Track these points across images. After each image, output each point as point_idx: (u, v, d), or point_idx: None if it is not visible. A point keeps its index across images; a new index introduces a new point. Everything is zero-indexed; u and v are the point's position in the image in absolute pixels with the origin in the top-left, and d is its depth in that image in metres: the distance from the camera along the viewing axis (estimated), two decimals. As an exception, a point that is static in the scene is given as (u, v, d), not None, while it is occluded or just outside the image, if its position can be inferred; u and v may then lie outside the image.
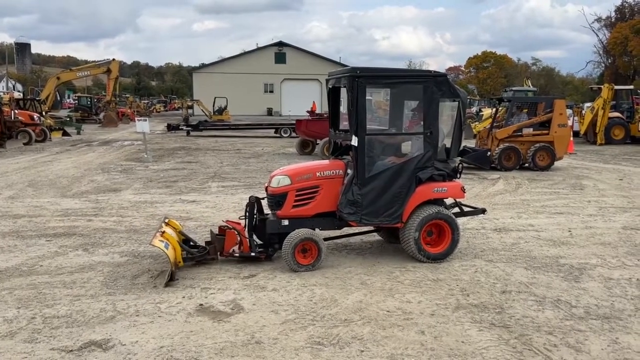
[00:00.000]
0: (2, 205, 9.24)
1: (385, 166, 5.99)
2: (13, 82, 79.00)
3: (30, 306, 4.72)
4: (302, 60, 61.52)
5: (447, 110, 6.29)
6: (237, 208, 8.82)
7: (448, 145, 6.25)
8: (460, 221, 7.98)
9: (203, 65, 68.94)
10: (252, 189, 11.30)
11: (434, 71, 6.25)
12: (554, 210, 9.28)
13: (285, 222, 5.94)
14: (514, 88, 36.92)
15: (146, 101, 73.16)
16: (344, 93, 6.20)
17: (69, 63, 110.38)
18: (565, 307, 4.85)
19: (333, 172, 6.08)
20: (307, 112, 23.31)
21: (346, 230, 6.55)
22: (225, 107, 42.22)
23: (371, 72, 6.11)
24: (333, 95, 6.64)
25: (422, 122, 6.02)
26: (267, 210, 6.35)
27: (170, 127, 29.44)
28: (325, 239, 6.39)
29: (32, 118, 22.97)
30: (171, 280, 5.37)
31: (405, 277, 5.60)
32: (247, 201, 6.16)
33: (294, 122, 20.75)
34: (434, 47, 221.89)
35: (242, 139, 25.71)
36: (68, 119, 32.24)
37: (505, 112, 16.48)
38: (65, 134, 25.98)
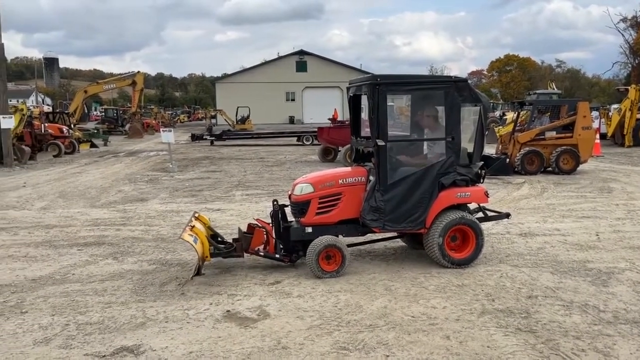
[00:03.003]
0: (35, 215, 9.53)
1: (407, 172, 5.99)
2: (42, 96, 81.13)
3: (64, 313, 4.88)
4: (323, 68, 61.84)
5: (469, 115, 6.28)
6: (261, 216, 8.89)
7: (470, 150, 6.25)
8: (485, 226, 7.94)
9: (225, 76, 69.83)
10: (275, 197, 11.40)
11: (455, 76, 6.24)
12: (581, 214, 9.15)
13: (309, 230, 5.99)
14: (538, 91, 36.48)
15: (170, 112, 74.28)
16: (365, 100, 6.24)
17: (96, 76, 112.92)
18: (593, 311, 4.79)
19: (355, 179, 6.12)
20: (329, 119, 23.43)
21: (370, 236, 6.58)
22: (248, 116, 42.68)
23: (392, 79, 6.13)
24: (354, 103, 6.69)
25: (444, 128, 6.02)
26: (290, 217, 6.41)
27: (194, 137, 29.87)
28: (349, 245, 6.44)
29: (61, 131, 23.58)
30: (197, 274, 5.53)
31: (429, 282, 5.60)
32: (271, 208, 6.25)
33: (316, 129, 20.86)
34: (455, 52, 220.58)
35: (265, 147, 25.93)
36: (95, 131, 33.03)
37: (527, 116, 16.31)
38: (93, 145, 26.61)
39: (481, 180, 6.27)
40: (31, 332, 4.47)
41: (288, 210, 6.38)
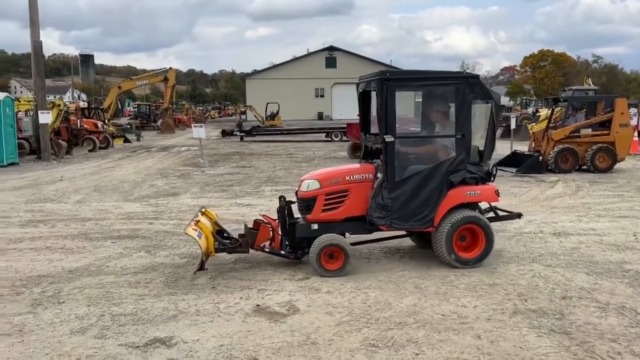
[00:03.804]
0: (71, 209, 9.79)
1: (416, 169, 5.90)
2: (78, 92, 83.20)
3: (99, 304, 5.00)
4: (352, 64, 61.54)
5: (481, 113, 6.09)
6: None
7: (482, 147, 6.09)
8: (517, 225, 7.83)
9: (255, 72, 70.29)
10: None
11: (466, 72, 6.20)
12: (618, 214, 8.90)
13: (315, 226, 5.94)
14: (573, 87, 35.55)
15: (201, 108, 75.25)
16: (374, 97, 6.14)
17: (129, 73, 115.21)
18: (630, 314, 4.66)
19: (363, 176, 6.04)
20: (358, 115, 23.34)
21: (378, 234, 6.39)
22: (277, 113, 42.86)
23: (401, 75, 6.07)
24: (364, 99, 6.64)
25: (454, 125, 5.89)
26: (297, 214, 6.34)
27: (225, 133, 30.17)
28: (358, 243, 6.44)
29: (96, 126, 24.14)
30: (201, 269, 5.63)
31: (460, 281, 5.54)
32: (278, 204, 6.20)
33: (345, 125, 20.83)
34: (487, 47, 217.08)
35: (294, 143, 26.03)
36: (128, 126, 33.69)
37: (562, 113, 15.93)
38: (126, 140, 27.15)
39: (492, 179, 6.14)
40: (68, 321, 4.60)
41: (295, 207, 6.32)
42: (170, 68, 37.96)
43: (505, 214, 6.70)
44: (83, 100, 61.91)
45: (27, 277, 5.79)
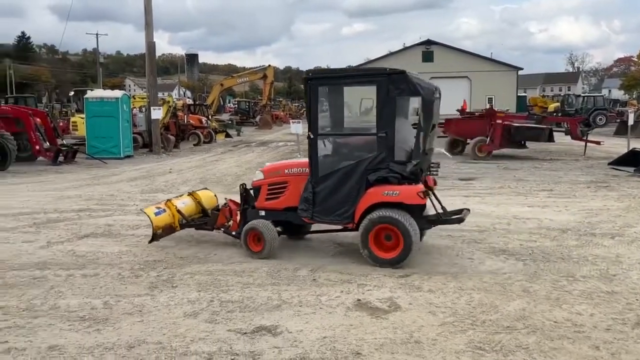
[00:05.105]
0: (180, 199, 10.40)
1: (337, 166, 5.99)
2: (183, 90, 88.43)
3: (209, 290, 5.27)
4: (450, 57, 59.80)
5: (412, 110, 5.91)
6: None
7: (413, 146, 5.84)
8: (638, 229, 7.20)
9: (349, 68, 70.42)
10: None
11: (390, 68, 5.84)
12: None
13: (262, 213, 6.44)
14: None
15: (297, 104, 76.89)
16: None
17: (230, 70, 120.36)
18: None
19: (300, 170, 6.31)
20: (457, 110, 22.62)
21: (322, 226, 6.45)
22: (372, 108, 42.70)
23: (323, 74, 6.33)
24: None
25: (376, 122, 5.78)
26: None
27: (320, 128, 30.48)
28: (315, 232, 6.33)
29: (200, 121, 25.52)
30: (153, 241, 6.66)
31: (573, 287, 5.19)
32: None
33: (442, 121, 20.26)
34: (599, 37, 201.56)
35: (389, 139, 25.76)
36: (230, 122, 35.24)
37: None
38: (227, 135, 28.43)
39: (420, 179, 5.86)
40: (181, 305, 4.89)
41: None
42: (269, 65, 39.23)
43: (455, 217, 6.30)
44: (188, 97, 65.67)
45: (144, 262, 6.24)
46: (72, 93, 38.82)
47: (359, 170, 5.84)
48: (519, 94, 57.11)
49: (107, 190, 11.64)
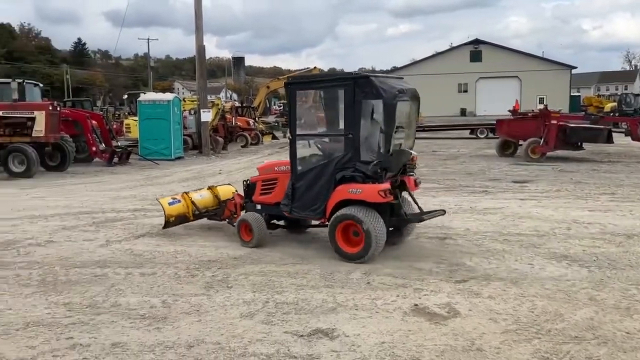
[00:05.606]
0: (230, 200, 10.53)
1: (312, 165, 6.51)
2: (230, 92, 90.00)
3: (263, 291, 5.28)
4: (499, 57, 58.45)
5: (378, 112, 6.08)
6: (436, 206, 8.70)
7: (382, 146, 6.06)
8: None
9: (395, 69, 69.86)
10: (452, 191, 11.08)
11: (356, 73, 6.28)
12: None
13: (258, 207, 7.07)
14: None
15: (341, 105, 76.73)
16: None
17: (276, 73, 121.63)
18: None
19: (288, 168, 6.72)
20: (509, 111, 22.04)
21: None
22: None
23: (300, 80, 7.00)
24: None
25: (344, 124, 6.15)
26: None
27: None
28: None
29: (248, 124, 25.87)
30: (166, 227, 7.53)
31: (644, 296, 4.91)
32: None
33: (492, 122, 19.81)
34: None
35: (436, 140, 25.39)
36: (276, 124, 35.53)
37: None
38: (273, 137, 28.68)
39: (381, 178, 6.05)
40: (237, 305, 4.91)
41: None
42: (315, 67, 39.24)
43: (428, 216, 6.56)
44: (235, 100, 66.68)
45: (199, 262, 6.33)
46: (125, 96, 40.15)
47: (329, 169, 6.28)
48: (572, 94, 55.14)
49: (160, 190, 11.92)
